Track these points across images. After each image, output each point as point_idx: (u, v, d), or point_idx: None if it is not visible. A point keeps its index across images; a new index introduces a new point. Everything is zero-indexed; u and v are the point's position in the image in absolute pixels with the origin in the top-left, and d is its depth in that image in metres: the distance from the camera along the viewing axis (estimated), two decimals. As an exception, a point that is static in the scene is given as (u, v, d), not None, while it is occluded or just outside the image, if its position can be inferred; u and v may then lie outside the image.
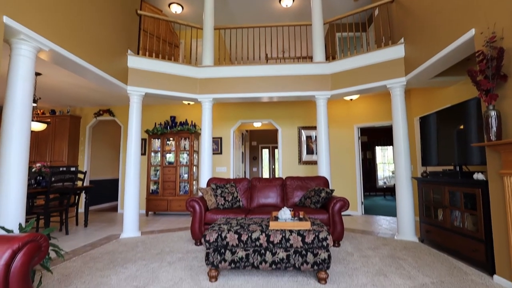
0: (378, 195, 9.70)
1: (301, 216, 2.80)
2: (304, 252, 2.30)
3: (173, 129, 5.77)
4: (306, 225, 2.41)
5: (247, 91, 4.60)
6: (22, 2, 2.39)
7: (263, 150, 10.94)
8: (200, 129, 5.88)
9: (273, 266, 2.31)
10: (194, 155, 5.82)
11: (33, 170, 4.02)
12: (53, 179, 3.90)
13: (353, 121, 5.88)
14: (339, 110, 5.99)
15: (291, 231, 2.34)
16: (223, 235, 2.34)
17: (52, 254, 3.09)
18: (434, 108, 4.43)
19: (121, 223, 4.94)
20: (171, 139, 5.88)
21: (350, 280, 2.35)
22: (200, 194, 5.64)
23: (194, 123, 6.04)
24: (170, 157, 5.88)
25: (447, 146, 3.27)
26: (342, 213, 5.14)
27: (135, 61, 4.22)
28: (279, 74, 4.59)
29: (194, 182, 5.77)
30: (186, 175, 5.78)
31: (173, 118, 6.02)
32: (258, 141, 10.78)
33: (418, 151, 4.90)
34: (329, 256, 2.28)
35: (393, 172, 10.15)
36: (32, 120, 4.11)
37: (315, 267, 2.28)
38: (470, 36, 2.55)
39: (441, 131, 3.39)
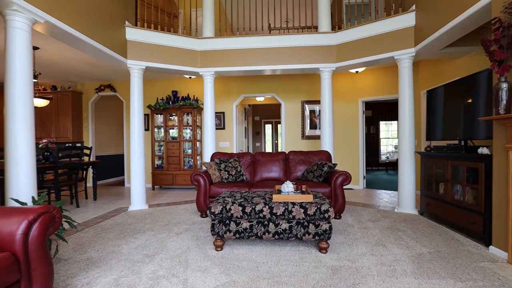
0: (380, 170, 9.80)
1: (303, 189, 2.86)
2: (306, 223, 2.38)
3: (176, 104, 5.73)
4: (308, 198, 2.47)
5: (249, 64, 4.48)
6: (12, -30, 2.27)
7: (266, 125, 10.90)
8: (203, 104, 5.83)
9: (276, 236, 2.40)
10: (197, 130, 5.84)
11: (40, 146, 4.08)
12: (60, 154, 3.98)
13: (358, 94, 5.76)
14: (344, 83, 5.85)
15: (293, 204, 2.40)
16: (227, 207, 2.42)
17: (66, 225, 3.24)
18: (442, 81, 4.30)
19: (129, 196, 5.11)
20: (173, 114, 5.86)
21: (350, 249, 2.46)
22: (204, 168, 5.74)
23: (196, 98, 5.97)
24: (173, 132, 5.90)
25: (453, 120, 3.22)
26: (344, 187, 5.23)
27: (133, 33, 4.08)
28: (283, 46, 4.43)
29: (198, 157, 5.84)
30: (189, 150, 5.84)
31: (175, 93, 5.95)
32: (261, 116, 10.71)
33: (422, 125, 4.85)
34: (330, 227, 2.37)
35: (396, 147, 10.14)
36: (34, 97, 4.09)
37: (317, 238, 2.37)
38: (487, 1, 2.40)
39: (448, 105, 3.32)
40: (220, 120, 6.09)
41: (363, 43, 4.06)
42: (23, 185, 2.36)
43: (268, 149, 11.05)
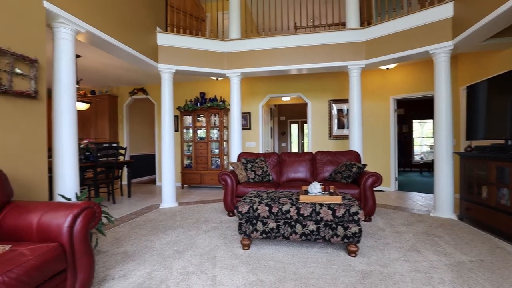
0: (413, 171, 9.26)
1: (331, 190, 2.79)
2: (334, 225, 2.32)
3: (203, 105, 5.89)
4: (336, 199, 2.41)
5: (275, 64, 4.48)
6: (59, -14, 2.48)
7: (292, 125, 10.80)
8: (229, 105, 5.93)
9: (303, 238, 2.38)
10: (224, 130, 5.95)
11: (81, 146, 4.42)
12: (98, 154, 4.28)
13: (389, 92, 5.50)
14: (373, 80, 5.61)
15: (321, 205, 2.36)
16: (254, 207, 2.44)
17: (104, 220, 3.48)
18: (484, 75, 3.95)
19: (160, 194, 5.35)
20: (201, 115, 6.04)
21: (381, 254, 2.36)
22: (231, 168, 5.84)
23: (223, 99, 6.09)
24: (201, 133, 6.08)
25: (498, 118, 2.95)
26: (374, 189, 5.01)
27: (164, 38, 4.27)
28: (309, 44, 4.37)
29: (224, 157, 5.96)
30: (217, 150, 5.98)
31: (202, 95, 6.12)
32: (287, 116, 10.64)
33: (462, 124, 4.50)
34: (360, 230, 2.29)
35: (431, 147, 9.52)
36: (77, 101, 4.44)
37: (345, 240, 2.31)
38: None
39: (492, 101, 3.05)
40: (246, 121, 6.15)
41: (394, 38, 3.87)
42: (68, 182, 2.58)
43: (294, 149, 10.95)
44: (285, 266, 2.15)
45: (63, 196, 2.32)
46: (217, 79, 6.09)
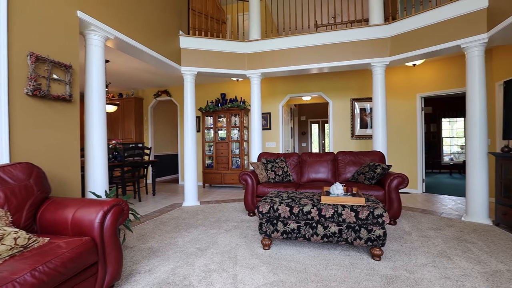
0: (442, 173, 8.77)
1: (354, 191, 2.72)
2: (357, 227, 2.26)
3: (224, 106, 5.98)
4: (360, 201, 2.34)
5: (295, 63, 4.44)
6: (90, -5, 2.64)
7: (313, 124, 10.65)
8: (249, 105, 5.98)
9: (325, 239, 2.34)
10: (244, 131, 6.00)
11: (110, 146, 4.66)
12: (125, 154, 4.49)
13: (416, 89, 5.25)
14: (399, 78, 5.39)
15: (343, 206, 2.31)
16: (275, 207, 2.44)
17: (131, 217, 3.65)
18: (525, 69, 3.65)
19: (182, 193, 5.50)
20: (222, 116, 6.13)
21: (407, 259, 2.26)
22: (251, 168, 5.87)
23: (244, 99, 6.14)
24: (222, 133, 6.17)
25: (540, 115, 2.71)
26: (400, 191, 4.81)
27: (186, 41, 4.39)
28: (330, 42, 4.29)
29: (245, 157, 6.00)
30: (237, 151, 6.04)
31: (223, 96, 6.21)
32: (307, 116, 10.50)
33: (497, 122, 4.19)
34: (385, 233, 2.21)
35: (462, 147, 8.96)
36: (106, 103, 4.70)
37: (369, 243, 2.24)
38: None
39: (534, 97, 2.81)
40: (267, 121, 6.16)
41: (422, 33, 3.69)
42: (98, 180, 2.73)
43: (315, 149, 10.78)
44: (306, 267, 2.13)
45: (94, 193, 2.46)
46: (237, 80, 6.16)
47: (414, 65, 5.09)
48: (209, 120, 6.24)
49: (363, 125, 5.62)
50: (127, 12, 3.20)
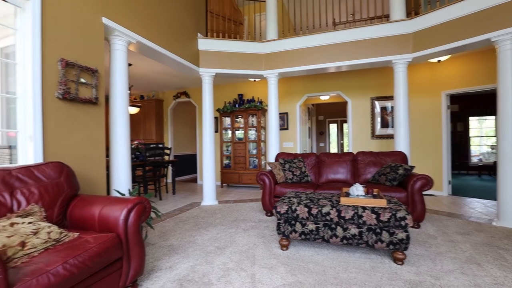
0: (470, 174, 8.30)
1: (375, 193, 2.65)
2: (378, 230, 2.20)
3: (241, 106, 6.03)
4: (381, 203, 2.27)
5: (313, 63, 4.39)
6: (114, 3, 2.77)
7: (331, 124, 10.46)
8: (267, 106, 5.98)
9: (344, 241, 2.29)
10: (262, 131, 6.01)
11: (132, 146, 4.84)
12: (147, 154, 4.65)
13: (441, 87, 5.01)
14: (422, 75, 5.17)
15: (364, 208, 2.25)
16: (293, 207, 2.42)
17: (153, 215, 3.77)
18: None
19: (201, 192, 5.60)
20: (239, 116, 6.18)
21: (432, 264, 2.16)
22: (268, 168, 5.87)
23: (261, 99, 6.15)
24: (239, 133, 6.22)
25: None
26: (423, 193, 4.61)
27: (204, 43, 4.47)
28: (349, 40, 4.20)
29: (262, 157, 6.01)
30: (254, 151, 6.06)
31: (240, 96, 6.26)
32: (325, 115, 10.34)
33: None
34: (408, 237, 2.13)
35: (493, 147, 8.43)
36: (129, 105, 4.89)
37: (391, 247, 2.17)
38: None
39: None
40: (284, 121, 6.13)
41: (448, 27, 3.52)
42: (122, 179, 2.85)
43: (333, 149, 10.59)
44: (325, 269, 2.10)
45: (118, 192, 2.57)
46: (254, 80, 6.18)
47: (438, 61, 4.87)
48: (227, 121, 6.31)
49: (384, 124, 5.45)
50: (148, 16, 3.31)
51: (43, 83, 2.07)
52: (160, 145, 5.68)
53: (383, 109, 5.46)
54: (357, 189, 2.54)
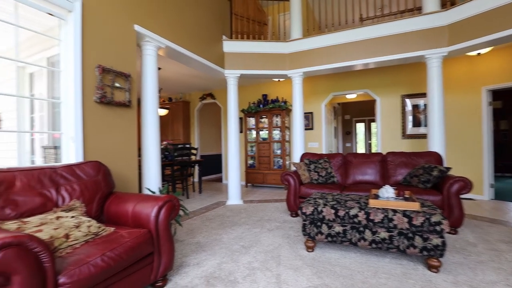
0: (517, 176, 7.57)
1: (406, 195, 2.52)
2: (410, 234, 2.09)
3: (265, 107, 6.04)
4: (413, 206, 2.16)
5: (339, 60, 4.29)
6: (144, 10, 2.91)
7: (358, 124, 10.11)
8: (291, 105, 5.94)
9: (373, 245, 2.21)
10: (286, 131, 5.98)
11: (161, 147, 5.06)
12: (175, 154, 4.83)
13: (481, 82, 4.63)
14: (459, 69, 4.82)
15: (394, 211, 2.15)
16: (319, 209, 2.38)
17: (181, 213, 3.90)
18: None
19: (226, 191, 5.70)
20: (264, 116, 6.19)
21: (472, 273, 2.01)
22: (293, 168, 5.82)
23: (285, 99, 6.12)
24: (263, 133, 6.24)
25: None
26: (461, 196, 4.27)
27: (229, 45, 4.55)
28: (377, 36, 4.04)
29: (286, 157, 5.98)
30: (279, 151, 6.04)
31: (265, 96, 6.27)
32: (352, 115, 10.01)
33: None
34: (444, 243, 2.00)
35: (545, 147, 7.61)
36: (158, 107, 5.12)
37: (424, 253, 2.05)
38: None
39: None
40: (309, 121, 6.04)
41: (488, 17, 3.25)
42: (152, 178, 2.99)
43: (360, 149, 10.23)
44: (352, 273, 2.04)
45: (149, 190, 2.70)
46: (278, 80, 6.16)
47: (478, 54, 4.51)
48: (251, 121, 6.36)
49: (416, 123, 5.15)
50: (176, 22, 3.44)
51: (83, 88, 2.24)
52: (187, 146, 5.87)
53: (415, 107, 5.17)
54: (387, 191, 2.43)
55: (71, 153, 2.18)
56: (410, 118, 5.21)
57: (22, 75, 2.56)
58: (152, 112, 3.00)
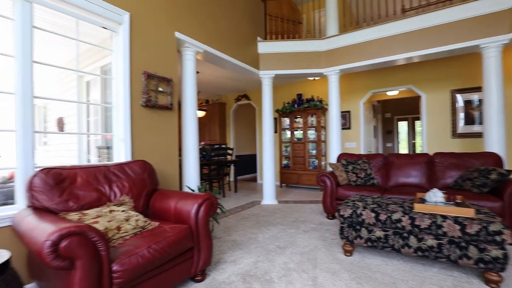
0: None
1: (458, 200, 2.30)
2: (463, 244, 1.90)
3: (300, 106, 5.96)
4: (467, 212, 1.96)
5: (379, 56, 4.06)
6: (183, 18, 3.07)
7: (400, 122, 9.46)
8: (327, 104, 5.78)
9: (419, 253, 2.05)
10: (322, 131, 5.83)
11: (199, 147, 5.28)
12: (212, 154, 5.01)
13: (553, 73, 4.02)
14: (524, 60, 4.24)
15: (444, 217, 1.97)
16: (358, 211, 2.29)
17: (218, 210, 4.04)
18: None
19: (261, 191, 5.75)
20: (298, 116, 6.12)
21: (541, 290, 1.76)
22: (329, 169, 5.66)
23: (320, 98, 5.98)
24: (298, 133, 6.16)
25: None
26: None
27: (263, 46, 4.58)
28: (422, 27, 3.74)
29: (322, 157, 5.83)
30: (314, 151, 5.92)
31: (299, 96, 6.20)
32: (393, 113, 9.40)
33: None
34: (505, 256, 1.78)
35: None
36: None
37: (481, 265, 1.85)
38: None
39: None
40: (346, 120, 5.82)
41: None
42: (192, 176, 3.14)
43: (403, 150, 9.55)
44: (395, 281, 1.92)
45: (189, 187, 2.84)
46: (314, 79, 6.04)
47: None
48: (286, 121, 6.32)
49: (469, 121, 4.66)
50: (213, 27, 3.57)
51: (131, 93, 2.44)
52: (223, 146, 6.05)
53: (467, 103, 4.67)
54: (435, 195, 2.24)
55: (121, 153, 2.39)
56: (461, 115, 4.73)
57: (80, 84, 2.88)
58: (192, 114, 3.16)
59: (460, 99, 4.75)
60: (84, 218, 1.59)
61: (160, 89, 2.70)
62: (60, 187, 1.72)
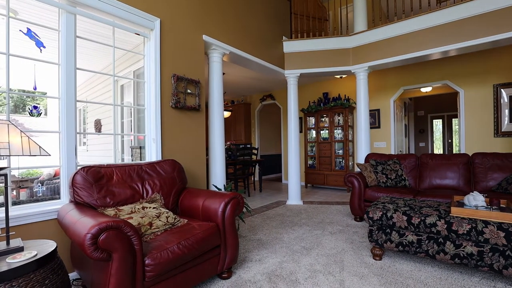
0: None
1: (502, 205, 2.11)
2: (509, 252, 1.75)
3: (326, 105, 5.84)
4: (512, 218, 1.80)
5: (412, 51, 3.84)
6: (210, 21, 3.15)
7: (434, 120, 8.88)
8: (354, 103, 5.60)
9: (456, 260, 1.92)
10: (349, 130, 5.66)
11: (225, 147, 5.39)
12: (237, 153, 5.08)
13: None
14: None
15: (486, 223, 1.83)
16: (388, 214, 2.19)
17: (243, 209, 4.09)
18: None
19: (286, 191, 5.72)
20: (324, 115, 5.99)
21: None
22: (357, 170, 5.48)
23: (348, 97, 5.81)
24: (324, 133, 6.04)
25: None
26: None
27: (289, 46, 4.55)
28: (458, 18, 3.48)
29: (349, 157, 5.66)
30: (341, 151, 5.76)
31: (325, 95, 6.07)
32: (427, 110, 8.84)
33: None
34: (559, 266, 1.61)
35: None
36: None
37: (530, 276, 1.68)
38: None
39: None
40: (375, 118, 5.59)
41: None
42: (218, 176, 3.21)
43: (437, 150, 8.96)
44: (430, 289, 1.81)
45: (216, 186, 2.91)
46: (340, 77, 5.88)
47: None
48: (311, 121, 6.22)
49: (516, 118, 4.25)
50: (239, 28, 3.62)
51: (161, 95, 2.55)
52: (249, 146, 6.11)
53: (515, 98, 4.27)
54: (476, 199, 2.08)
55: (153, 152, 2.52)
56: (506, 112, 4.33)
57: (116, 87, 3.07)
58: (218, 115, 3.23)
59: (504, 94, 4.35)
60: (119, 214, 1.70)
61: (189, 91, 2.80)
62: (98, 184, 1.85)
